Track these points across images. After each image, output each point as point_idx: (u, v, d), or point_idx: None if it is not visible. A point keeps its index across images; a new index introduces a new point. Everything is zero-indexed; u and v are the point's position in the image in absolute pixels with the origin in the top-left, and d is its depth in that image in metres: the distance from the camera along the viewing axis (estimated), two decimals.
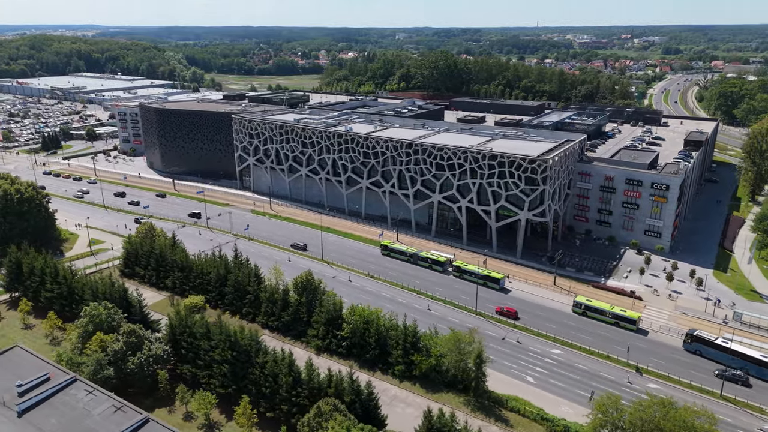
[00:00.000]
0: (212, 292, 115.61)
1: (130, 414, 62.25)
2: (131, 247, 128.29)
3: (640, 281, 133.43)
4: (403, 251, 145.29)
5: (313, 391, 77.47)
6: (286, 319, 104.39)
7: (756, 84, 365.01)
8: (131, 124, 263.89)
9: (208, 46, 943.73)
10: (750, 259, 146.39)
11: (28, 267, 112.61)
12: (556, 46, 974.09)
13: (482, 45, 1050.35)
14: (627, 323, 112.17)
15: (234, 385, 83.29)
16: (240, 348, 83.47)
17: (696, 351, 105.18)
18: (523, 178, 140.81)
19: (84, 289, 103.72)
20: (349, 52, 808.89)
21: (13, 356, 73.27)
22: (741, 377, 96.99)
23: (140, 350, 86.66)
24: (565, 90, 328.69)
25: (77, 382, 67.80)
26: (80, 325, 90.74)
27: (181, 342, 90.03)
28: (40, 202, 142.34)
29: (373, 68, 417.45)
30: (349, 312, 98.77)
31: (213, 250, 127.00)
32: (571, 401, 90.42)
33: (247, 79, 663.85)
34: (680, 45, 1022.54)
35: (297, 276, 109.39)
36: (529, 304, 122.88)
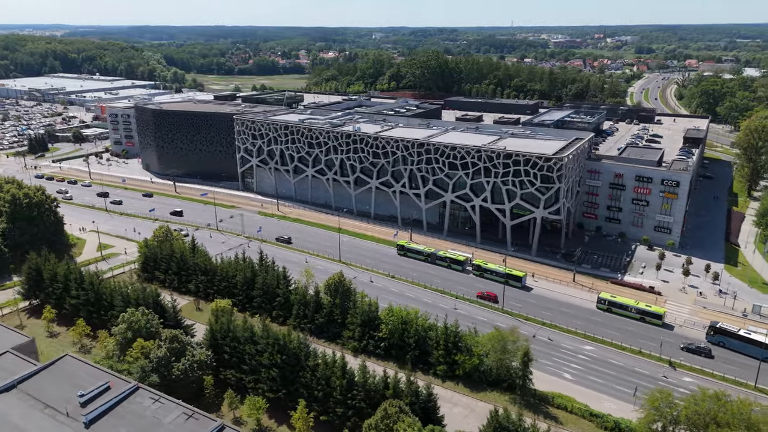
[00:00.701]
0: (239, 295, 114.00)
1: (203, 421, 60.96)
2: (149, 251, 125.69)
3: (656, 277, 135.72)
4: (420, 251, 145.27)
5: (370, 394, 76.95)
6: (319, 321, 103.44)
7: (736, 82, 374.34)
8: (123, 126, 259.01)
9: (184, 45, 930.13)
10: (754, 250, 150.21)
11: (49, 273, 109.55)
12: (533, 46, 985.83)
13: (460, 44, 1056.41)
14: (653, 318, 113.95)
15: (284, 390, 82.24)
16: (289, 351, 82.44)
17: (719, 343, 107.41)
18: (539, 176, 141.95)
19: (113, 294, 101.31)
20: (329, 52, 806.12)
21: (64, 365, 71.16)
22: (704, 350, 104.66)
23: (183, 356, 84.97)
24: (555, 89, 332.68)
25: (140, 390, 66.14)
26: (118, 331, 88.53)
27: (224, 347, 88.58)
28: (49, 206, 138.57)
29: (362, 68, 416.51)
30: (387, 313, 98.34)
31: (236, 253, 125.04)
32: (612, 397, 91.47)
33: (228, 79, 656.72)
34: (652, 44, 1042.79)
35: (328, 278, 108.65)
36: (553, 302, 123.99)
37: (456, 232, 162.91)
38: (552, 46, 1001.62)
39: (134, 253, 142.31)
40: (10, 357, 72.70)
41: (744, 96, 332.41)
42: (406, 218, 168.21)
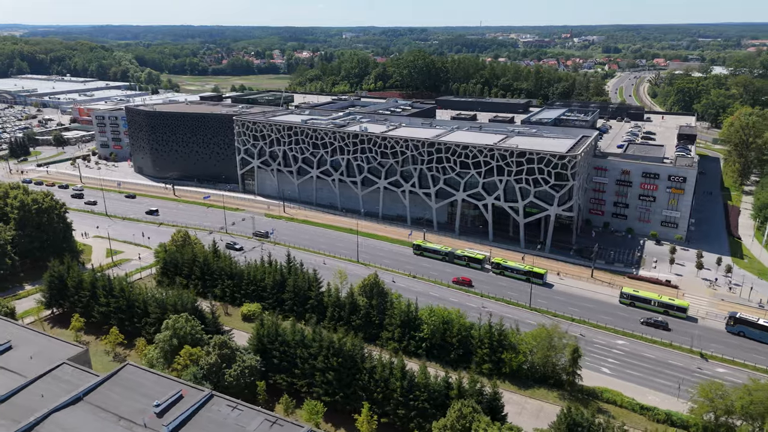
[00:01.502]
0: (269, 299, 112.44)
1: (288, 427, 59.89)
2: (168, 256, 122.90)
3: (670, 271, 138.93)
4: (437, 250, 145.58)
5: (434, 394, 76.81)
6: (356, 323, 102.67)
7: (710, 80, 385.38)
8: (110, 128, 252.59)
9: (152, 45, 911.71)
10: (753, 240, 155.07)
11: (74, 281, 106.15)
12: (504, 45, 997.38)
13: (432, 44, 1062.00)
14: (677, 311, 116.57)
15: (341, 393, 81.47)
16: (345, 354, 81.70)
17: (740, 332, 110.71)
18: (553, 174, 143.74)
19: (147, 301, 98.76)
20: (303, 52, 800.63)
21: (127, 375, 69.08)
22: (662, 323, 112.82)
23: (234, 362, 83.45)
24: (541, 88, 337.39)
25: (215, 398, 64.65)
26: (163, 338, 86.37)
27: (272, 351, 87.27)
28: (58, 212, 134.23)
29: (347, 68, 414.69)
30: (428, 313, 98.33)
31: (262, 256, 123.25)
32: (654, 390, 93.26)
33: (203, 79, 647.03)
34: (617, 44, 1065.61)
35: (362, 279, 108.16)
36: (575, 297, 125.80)
37: (466, 230, 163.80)
38: (522, 46, 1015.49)
39: (147, 259, 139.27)
40: (67, 368, 70.29)
41: (720, 93, 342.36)
42: (422, 218, 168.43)
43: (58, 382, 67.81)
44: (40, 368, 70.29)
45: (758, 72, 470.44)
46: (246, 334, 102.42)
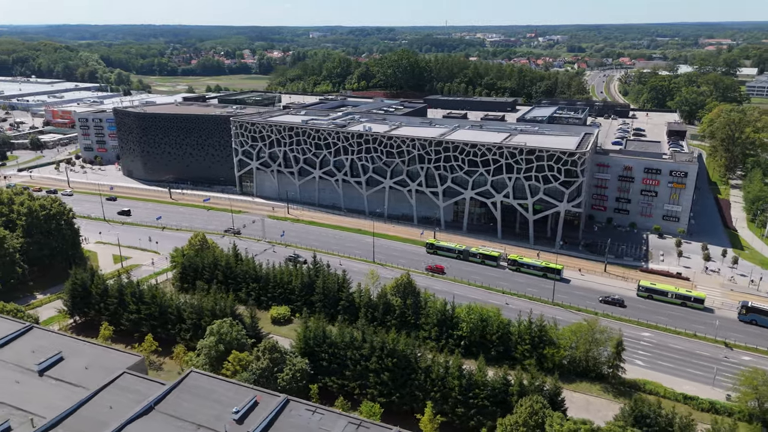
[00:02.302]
0: (297, 301, 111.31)
1: (374, 430, 59.52)
2: (187, 261, 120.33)
3: (678, 263, 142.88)
4: (451, 248, 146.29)
5: (493, 392, 77.31)
6: (392, 323, 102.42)
7: (682, 79, 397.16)
8: (94, 131, 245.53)
9: (115, 45, 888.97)
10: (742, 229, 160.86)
11: (98, 288, 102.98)
12: (472, 45, 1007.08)
13: (400, 44, 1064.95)
14: (695, 302, 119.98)
15: (397, 393, 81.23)
16: (399, 354, 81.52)
17: (752, 321, 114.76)
18: (563, 170, 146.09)
19: (183, 307, 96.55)
20: (274, 52, 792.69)
21: (193, 382, 67.49)
22: (618, 300, 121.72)
23: (284, 366, 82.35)
24: (525, 86, 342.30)
25: (291, 402, 63.73)
26: (209, 344, 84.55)
27: (320, 353, 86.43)
28: (66, 218, 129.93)
29: (329, 67, 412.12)
30: (466, 311, 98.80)
31: (285, 258, 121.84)
32: (687, 379, 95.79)
33: (173, 80, 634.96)
34: (581, 43, 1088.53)
35: (394, 279, 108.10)
36: (593, 292, 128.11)
37: (473, 228, 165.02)
38: (489, 45, 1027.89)
39: (160, 264, 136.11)
40: (129, 378, 68.31)
41: (692, 91, 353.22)
42: (420, 217, 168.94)
43: (123, 392, 65.84)
44: (98, 378, 68.14)
45: (722, 70, 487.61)
46: (278, 337, 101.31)
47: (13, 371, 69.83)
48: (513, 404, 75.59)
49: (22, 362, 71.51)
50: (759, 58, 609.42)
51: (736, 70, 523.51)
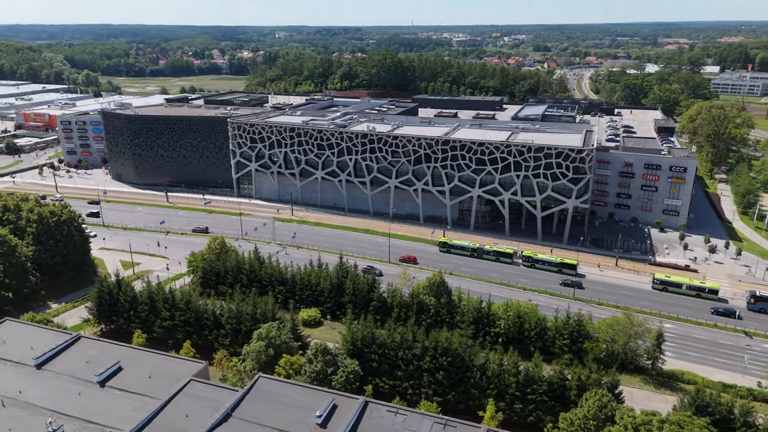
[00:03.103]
0: (326, 303, 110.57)
1: (461, 428, 59.69)
2: (208, 265, 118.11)
3: (684, 256, 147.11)
4: (465, 246, 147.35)
5: (552, 387, 78.35)
6: (427, 322, 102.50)
7: (654, 77, 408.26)
8: (78, 134, 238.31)
9: (75, 45, 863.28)
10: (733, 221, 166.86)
11: (127, 296, 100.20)
12: (440, 44, 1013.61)
13: (368, 43, 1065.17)
14: (710, 294, 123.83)
15: (452, 392, 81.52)
16: (454, 353, 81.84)
17: (760, 309, 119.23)
18: (572, 167, 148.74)
19: (221, 313, 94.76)
20: (243, 52, 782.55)
21: (265, 387, 66.39)
22: (577, 282, 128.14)
23: (337, 368, 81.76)
24: (508, 85, 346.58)
25: (370, 404, 63.37)
26: (258, 348, 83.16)
27: (370, 355, 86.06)
28: (77, 224, 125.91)
29: (310, 67, 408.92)
30: (504, 308, 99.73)
31: (311, 260, 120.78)
32: (716, 368, 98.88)
33: (141, 81, 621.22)
34: (546, 43, 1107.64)
35: (426, 279, 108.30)
36: (609, 286, 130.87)
37: (479, 226, 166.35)
38: (456, 45, 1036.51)
39: (173, 269, 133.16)
40: (197, 385, 66.85)
41: (665, 89, 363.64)
42: (426, 216, 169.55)
43: (194, 400, 64.39)
44: (163, 387, 66.49)
45: (686, 68, 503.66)
46: (314, 339, 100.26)
47: (73, 383, 67.55)
48: (572, 399, 76.80)
49: (78, 373, 69.23)
50: (719, 57, 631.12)
51: (700, 68, 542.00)
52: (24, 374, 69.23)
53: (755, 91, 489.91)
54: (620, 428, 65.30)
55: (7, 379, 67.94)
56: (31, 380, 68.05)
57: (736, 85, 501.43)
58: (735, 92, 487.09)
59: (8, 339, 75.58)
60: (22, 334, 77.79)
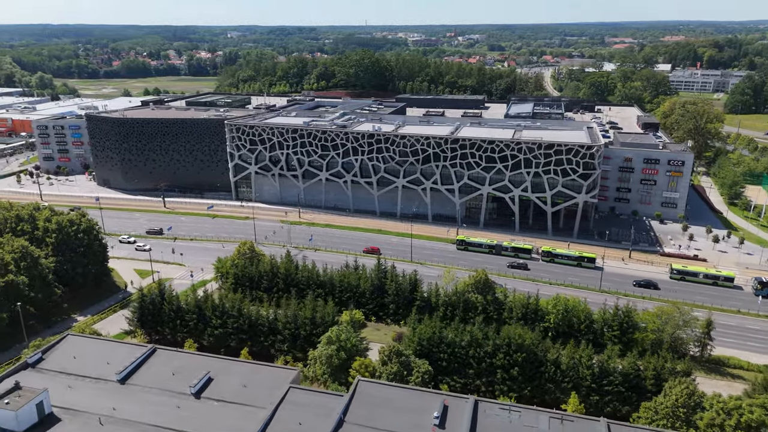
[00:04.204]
0: (368, 304, 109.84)
1: (579, 423, 60.48)
2: (240, 271, 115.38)
3: (689, 246, 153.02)
4: (482, 244, 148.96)
5: (627, 377, 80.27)
6: (476, 320, 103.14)
7: (618, 75, 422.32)
8: (55, 139, 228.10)
9: (17, 47, 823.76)
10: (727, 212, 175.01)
11: (171, 305, 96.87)
12: (396, 44, 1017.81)
13: (324, 43, 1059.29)
14: (725, 281, 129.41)
15: (528, 386, 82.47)
16: (528, 349, 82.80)
17: (766, 295, 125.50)
18: (581, 163, 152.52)
19: (278, 318, 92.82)
20: (201, 52, 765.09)
21: (367, 390, 65.29)
22: (522, 264, 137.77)
23: (411, 369, 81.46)
24: (485, 84, 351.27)
25: (481, 403, 63.38)
26: (331, 352, 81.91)
27: (438, 354, 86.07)
28: (96, 233, 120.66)
29: (284, 67, 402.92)
30: (553, 303, 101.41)
31: (347, 262, 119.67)
32: (753, 352, 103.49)
33: (97, 82, 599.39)
34: (500, 42, 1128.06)
35: (470, 277, 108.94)
36: (628, 277, 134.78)
37: (488, 223, 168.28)
38: (411, 45, 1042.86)
39: (199, 276, 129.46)
40: (297, 393, 65.34)
41: (632, 86, 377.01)
42: (434, 215, 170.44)
43: (300, 407, 62.94)
44: (263, 396, 64.76)
45: (641, 66, 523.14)
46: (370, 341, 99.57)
47: (166, 396, 64.90)
48: (648, 388, 78.94)
49: (167, 386, 66.55)
50: (670, 55, 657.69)
51: (654, 66, 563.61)
52: (109, 390, 66.00)
53: (707, 87, 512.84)
54: (713, 413, 67.61)
55: (94, 397, 64.59)
56: (119, 396, 64.95)
57: (689, 82, 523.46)
58: (689, 89, 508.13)
59: (78, 355, 71.86)
60: (91, 348, 74.08)
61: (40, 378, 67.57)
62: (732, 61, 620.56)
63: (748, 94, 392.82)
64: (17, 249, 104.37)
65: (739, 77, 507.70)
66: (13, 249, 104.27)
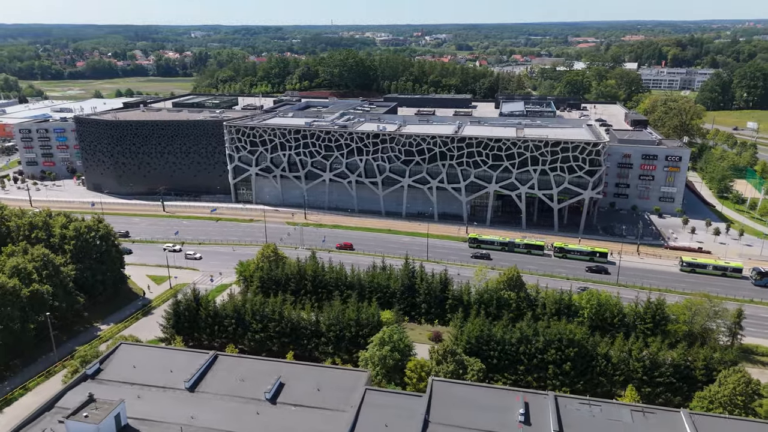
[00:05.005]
0: (400, 303, 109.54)
1: (660, 414, 61.61)
2: (266, 274, 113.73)
3: (691, 239, 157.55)
4: (494, 241, 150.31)
5: (678, 369, 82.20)
6: (509, 317, 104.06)
7: (592, 73, 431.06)
8: (39, 143, 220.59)
9: None
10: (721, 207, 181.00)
11: (208, 311, 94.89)
12: (365, 44, 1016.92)
13: (291, 43, 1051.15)
14: (733, 272, 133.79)
15: (580, 381, 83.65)
16: (579, 344, 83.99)
17: (765, 285, 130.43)
18: (588, 160, 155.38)
19: (320, 321, 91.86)
20: (168, 52, 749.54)
21: (442, 390, 65.33)
22: (486, 255, 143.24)
23: (464, 367, 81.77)
24: (468, 83, 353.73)
25: (560, 398, 64.05)
26: (384, 354, 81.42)
27: (489, 352, 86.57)
28: (114, 240, 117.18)
29: (265, 68, 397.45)
30: (586, 297, 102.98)
31: (383, 262, 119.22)
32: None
33: (62, 84, 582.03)
34: (468, 42, 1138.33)
35: (501, 274, 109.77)
36: (640, 270, 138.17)
37: (495, 220, 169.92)
38: (379, 44, 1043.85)
39: (217, 280, 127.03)
40: (374, 394, 65.00)
41: (608, 84, 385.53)
42: (440, 213, 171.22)
43: (382, 408, 62.54)
44: (339, 399, 64.13)
45: (609, 65, 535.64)
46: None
47: (241, 403, 63.59)
48: (698, 378, 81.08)
49: (240, 392, 65.24)
50: (635, 54, 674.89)
51: (622, 65, 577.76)
52: (181, 399, 64.27)
53: (674, 85, 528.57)
54: None
55: (166, 406, 62.79)
56: (193, 404, 63.31)
57: (656, 80, 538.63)
58: (656, 86, 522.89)
59: (137, 364, 69.72)
60: (147, 357, 72.01)
61: (104, 389, 65.35)
62: (695, 59, 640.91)
63: (716, 91, 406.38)
64: (38, 257, 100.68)
65: (703, 75, 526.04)
66: (34, 257, 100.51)
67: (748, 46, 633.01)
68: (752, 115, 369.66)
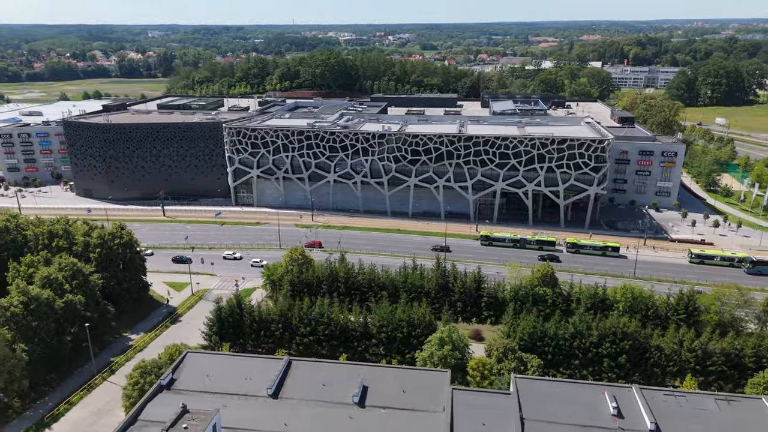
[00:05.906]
0: (435, 303, 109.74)
1: (744, 402, 63.44)
2: (296, 277, 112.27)
3: (692, 232, 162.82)
4: (506, 238, 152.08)
5: (729, 357, 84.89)
6: (546, 312, 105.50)
7: (564, 72, 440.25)
8: (20, 148, 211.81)
9: None
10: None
11: (252, 316, 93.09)
12: (330, 43, 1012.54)
13: (254, 43, 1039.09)
14: (741, 263, 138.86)
15: (635, 372, 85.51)
16: (632, 336, 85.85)
17: (758, 272, 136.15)
18: (593, 157, 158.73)
19: (371, 323, 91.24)
20: (129, 53, 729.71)
21: (527, 387, 65.82)
22: (445, 248, 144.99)
23: (524, 364, 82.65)
24: (450, 83, 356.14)
25: (644, 390, 65.31)
26: (445, 353, 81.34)
27: (543, 347, 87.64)
28: (136, 247, 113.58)
29: (243, 68, 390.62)
30: (621, 291, 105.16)
31: (404, 263, 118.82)
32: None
33: (21, 86, 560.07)
34: (432, 41, 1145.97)
35: (535, 272, 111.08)
36: (652, 263, 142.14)
37: (501, 218, 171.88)
38: (343, 44, 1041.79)
39: (241, 285, 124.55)
40: (461, 394, 64.94)
41: (581, 83, 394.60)
42: (445, 212, 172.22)
43: (473, 408, 62.63)
44: (428, 399, 64.02)
45: (576, 63, 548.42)
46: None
47: (329, 408, 62.64)
48: (748, 365, 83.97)
49: (325, 397, 64.29)
50: (598, 53, 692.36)
51: (587, 64, 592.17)
52: (267, 406, 62.87)
53: (639, 83, 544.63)
54: None
55: (257, 414, 61.28)
56: (281, 411, 61.99)
57: (622, 78, 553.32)
58: (623, 84, 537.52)
59: (210, 373, 67.86)
60: (218, 365, 70.05)
61: (183, 399, 63.16)
62: (654, 58, 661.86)
63: (682, 89, 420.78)
64: (67, 267, 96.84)
65: (665, 73, 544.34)
66: (62, 267, 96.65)
67: (705, 45, 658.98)
68: (717, 111, 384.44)
